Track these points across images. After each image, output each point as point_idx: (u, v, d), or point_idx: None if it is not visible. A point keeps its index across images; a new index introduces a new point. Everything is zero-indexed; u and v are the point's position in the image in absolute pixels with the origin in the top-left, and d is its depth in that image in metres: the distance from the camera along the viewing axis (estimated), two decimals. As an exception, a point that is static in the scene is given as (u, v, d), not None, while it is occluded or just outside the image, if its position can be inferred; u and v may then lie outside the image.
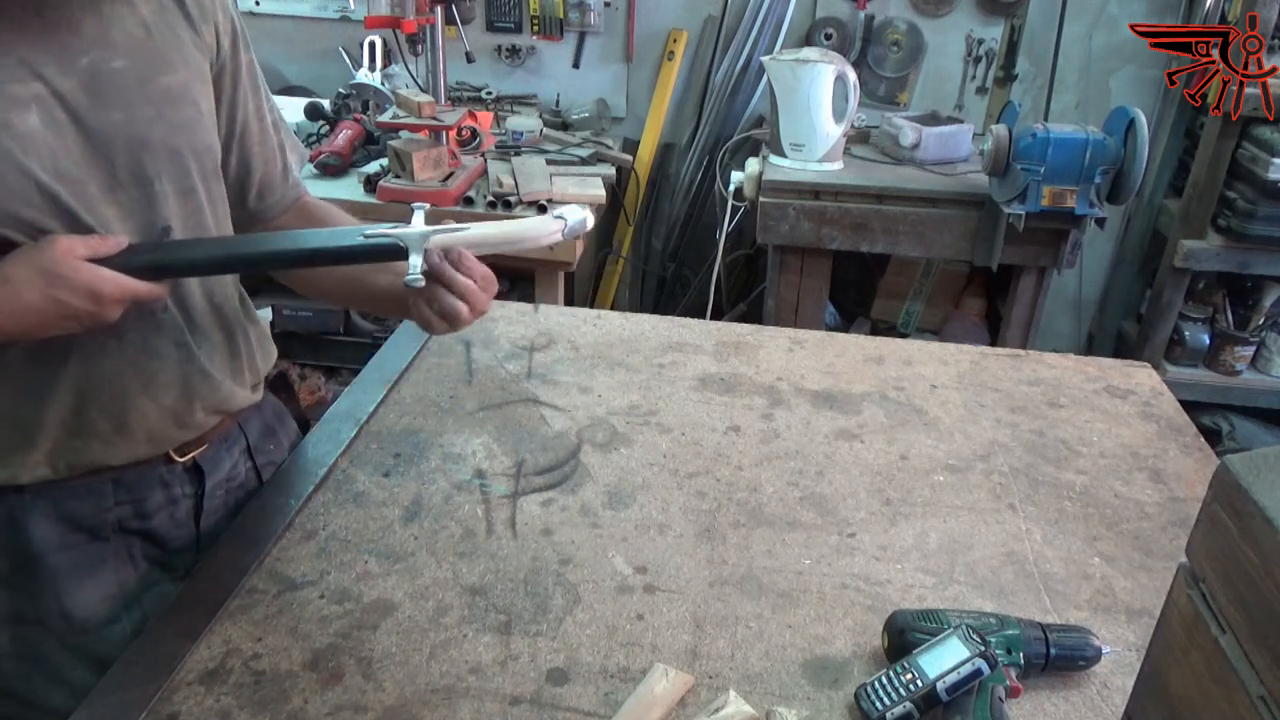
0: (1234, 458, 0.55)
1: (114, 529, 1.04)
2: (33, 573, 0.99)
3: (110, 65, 0.91)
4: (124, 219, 0.94)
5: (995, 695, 0.84)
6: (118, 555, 1.05)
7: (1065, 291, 3.25)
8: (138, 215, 0.95)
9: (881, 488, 1.22)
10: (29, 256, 0.85)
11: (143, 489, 1.05)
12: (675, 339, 1.59)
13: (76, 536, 1.01)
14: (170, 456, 1.06)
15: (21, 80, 0.85)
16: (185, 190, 0.99)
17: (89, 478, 1.00)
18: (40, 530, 0.99)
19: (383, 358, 1.49)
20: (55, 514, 1.00)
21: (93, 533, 1.03)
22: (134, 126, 0.93)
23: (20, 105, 0.85)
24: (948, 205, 2.46)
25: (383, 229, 0.95)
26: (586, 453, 1.27)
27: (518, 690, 0.89)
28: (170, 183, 0.97)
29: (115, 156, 0.92)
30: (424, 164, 2.45)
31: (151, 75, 0.95)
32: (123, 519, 1.05)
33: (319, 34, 3.17)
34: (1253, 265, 2.64)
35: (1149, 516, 1.19)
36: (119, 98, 0.92)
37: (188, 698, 0.86)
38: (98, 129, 0.90)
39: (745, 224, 2.86)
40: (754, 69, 3.00)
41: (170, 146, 0.97)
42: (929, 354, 1.59)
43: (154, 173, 0.95)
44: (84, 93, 0.89)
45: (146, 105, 0.94)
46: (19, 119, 0.85)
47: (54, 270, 0.84)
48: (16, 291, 0.84)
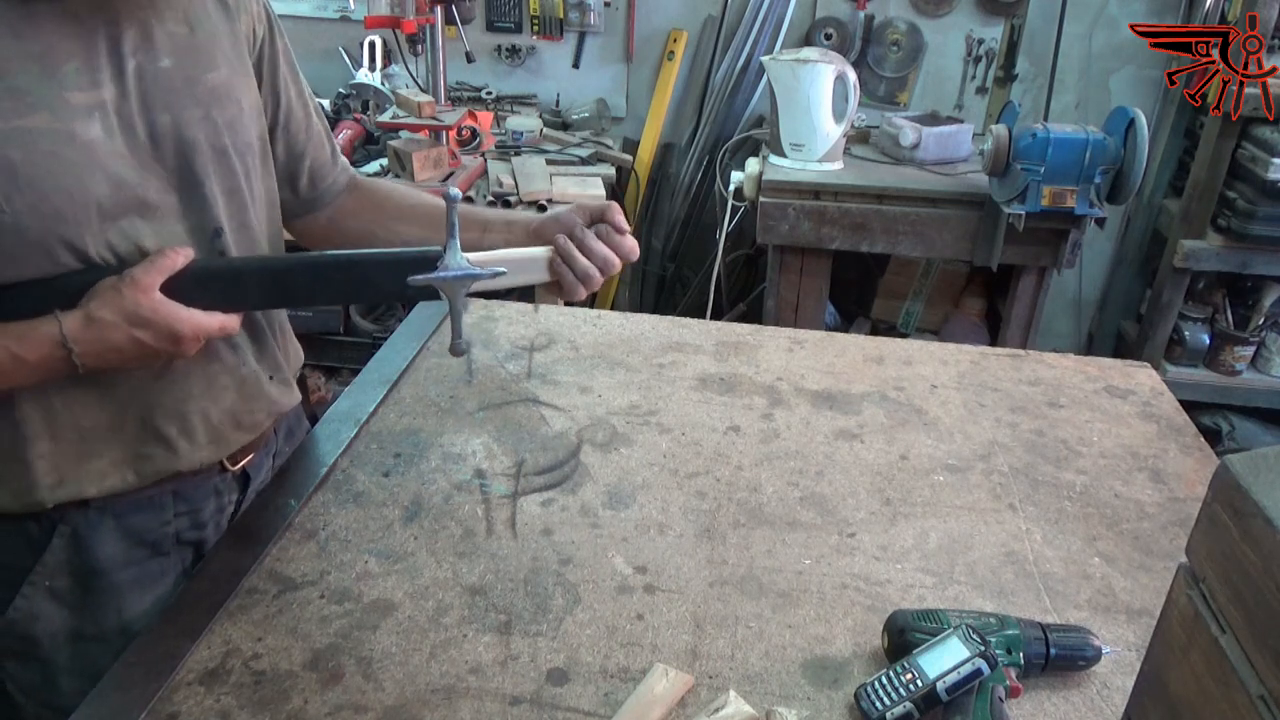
0: (1234, 458, 0.55)
1: (173, 542, 1.06)
2: (95, 590, 1.00)
3: (156, 65, 0.90)
4: (178, 222, 0.94)
5: (995, 695, 0.84)
6: (175, 569, 1.07)
7: (1065, 291, 3.25)
8: (191, 218, 0.95)
9: (881, 488, 1.22)
10: (111, 299, 0.86)
11: (199, 499, 1.06)
12: (675, 339, 1.59)
13: (139, 552, 1.03)
14: (224, 465, 1.07)
15: (81, 88, 0.85)
16: (231, 190, 0.99)
17: (152, 489, 1.01)
18: (105, 548, 1.00)
19: (383, 358, 1.49)
20: (119, 530, 1.01)
21: (154, 547, 1.04)
22: (183, 128, 0.92)
23: (82, 114, 0.85)
24: (948, 205, 2.46)
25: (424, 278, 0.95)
26: (586, 453, 1.27)
27: (518, 690, 0.89)
28: (218, 183, 0.97)
29: (166, 160, 0.92)
30: (424, 164, 2.45)
31: (196, 74, 0.94)
32: (180, 531, 1.06)
33: (319, 34, 3.18)
34: (1253, 265, 2.64)
35: (1149, 516, 1.19)
36: (167, 99, 0.91)
37: (188, 698, 0.86)
38: (149, 133, 0.90)
39: (745, 224, 2.86)
40: (754, 69, 3.01)
41: (217, 146, 0.96)
42: (929, 354, 1.59)
43: (203, 174, 0.95)
44: (135, 96, 0.89)
45: (194, 105, 0.93)
46: (82, 128, 0.84)
47: (136, 313, 0.86)
48: (103, 335, 0.85)
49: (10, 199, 0.81)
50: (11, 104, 0.80)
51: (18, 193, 0.81)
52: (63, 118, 0.83)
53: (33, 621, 0.98)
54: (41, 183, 0.82)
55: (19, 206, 0.81)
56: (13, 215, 0.81)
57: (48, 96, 0.82)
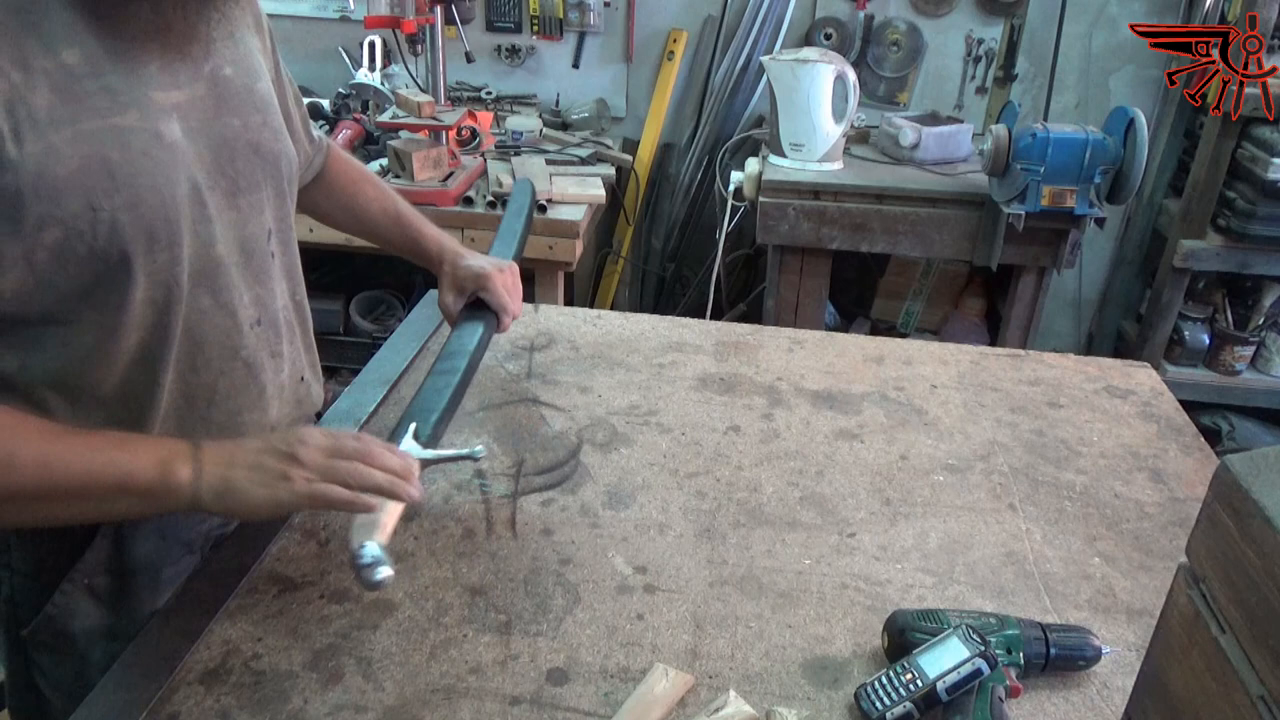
0: (1234, 458, 0.55)
1: (204, 540, 1.08)
2: (132, 588, 1.01)
3: (223, 72, 0.92)
4: (239, 226, 0.95)
5: (995, 695, 0.84)
6: None
7: (1065, 291, 3.25)
8: (251, 223, 0.97)
9: (881, 488, 1.22)
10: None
11: None
12: (675, 339, 1.59)
13: (175, 550, 1.04)
14: None
15: (163, 88, 0.85)
16: (280, 194, 1.02)
17: None
18: (144, 546, 1.01)
19: (382, 358, 1.49)
20: (158, 529, 1.02)
21: (189, 546, 1.06)
22: (249, 133, 0.94)
23: (165, 114, 0.85)
24: (947, 205, 2.46)
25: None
26: (586, 453, 1.27)
27: (518, 690, 0.89)
28: (271, 187, 0.99)
29: (236, 163, 0.93)
30: (424, 164, 2.45)
31: (250, 82, 0.97)
32: (211, 529, 1.08)
33: (319, 34, 3.18)
34: (1252, 265, 2.64)
35: (1149, 516, 1.19)
36: (234, 104, 0.93)
37: (188, 698, 0.86)
38: (221, 137, 0.91)
39: (745, 224, 2.86)
40: (754, 69, 3.00)
41: (273, 152, 0.99)
42: (929, 354, 1.59)
43: (262, 178, 0.97)
44: (210, 100, 0.90)
45: (254, 111, 0.96)
46: (167, 129, 0.85)
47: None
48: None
49: (110, 197, 0.80)
50: (107, 102, 0.80)
51: (116, 192, 0.81)
52: (150, 117, 0.84)
53: (70, 618, 0.99)
54: (136, 182, 0.82)
55: (117, 204, 0.81)
56: (110, 214, 0.81)
57: (137, 95, 0.83)
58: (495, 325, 1.22)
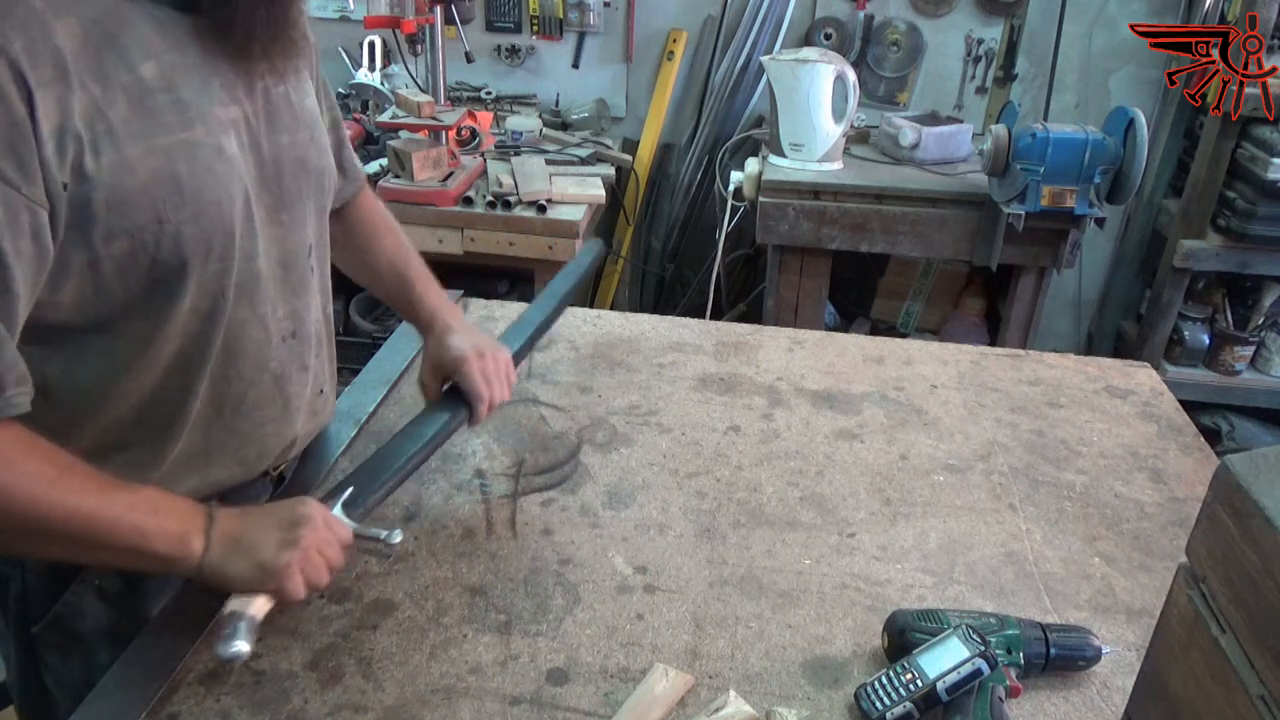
0: (1234, 458, 0.55)
1: None
2: (141, 590, 1.01)
3: (274, 89, 0.93)
4: (281, 240, 0.96)
5: (995, 695, 0.84)
6: None
7: (1065, 291, 3.25)
8: (293, 237, 0.98)
9: (881, 488, 1.22)
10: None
11: (242, 501, 1.07)
12: (675, 339, 1.59)
13: None
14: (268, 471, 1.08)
15: (224, 103, 0.86)
16: (320, 209, 1.03)
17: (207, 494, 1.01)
18: None
19: (382, 358, 1.49)
20: None
21: None
22: (297, 149, 0.95)
23: (225, 129, 0.86)
24: (947, 205, 2.46)
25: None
26: (586, 453, 1.27)
27: (518, 690, 0.89)
28: (313, 202, 1.00)
29: (283, 178, 0.94)
30: (423, 164, 2.45)
31: (298, 99, 0.97)
32: None
33: (318, 34, 3.10)
34: (1252, 265, 2.64)
35: (1149, 516, 1.19)
36: (284, 121, 0.94)
37: (188, 698, 0.86)
38: (271, 152, 0.92)
39: (745, 224, 2.86)
40: (754, 69, 3.00)
41: (318, 168, 0.99)
42: (929, 354, 1.59)
43: (306, 193, 0.98)
44: (263, 116, 0.91)
45: (302, 128, 0.96)
46: (227, 142, 0.86)
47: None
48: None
49: (177, 210, 0.82)
50: (177, 117, 0.82)
51: (182, 206, 0.82)
52: (214, 132, 0.85)
53: (79, 618, 0.99)
54: (201, 196, 0.83)
55: (183, 217, 0.82)
56: (175, 227, 0.82)
57: (203, 110, 0.84)
58: (467, 415, 1.12)
